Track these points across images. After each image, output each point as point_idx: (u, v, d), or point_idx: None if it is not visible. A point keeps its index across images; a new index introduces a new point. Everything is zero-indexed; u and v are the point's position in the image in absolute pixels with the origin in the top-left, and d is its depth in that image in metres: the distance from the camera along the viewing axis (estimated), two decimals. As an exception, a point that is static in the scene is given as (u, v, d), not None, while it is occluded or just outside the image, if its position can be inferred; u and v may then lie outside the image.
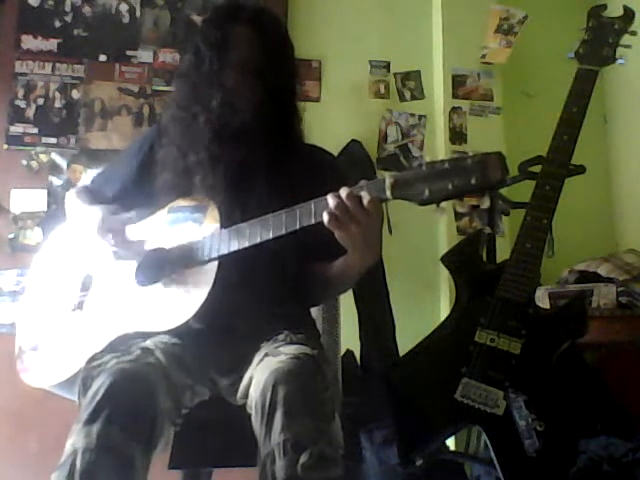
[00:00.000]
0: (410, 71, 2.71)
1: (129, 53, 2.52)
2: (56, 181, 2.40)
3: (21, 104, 2.43)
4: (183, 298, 1.18)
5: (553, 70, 2.53)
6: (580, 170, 1.85)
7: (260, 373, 1.09)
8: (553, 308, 1.94)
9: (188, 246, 1.22)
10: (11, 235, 2.34)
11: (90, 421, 0.99)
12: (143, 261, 1.27)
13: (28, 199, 2.36)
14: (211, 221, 1.22)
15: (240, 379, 1.17)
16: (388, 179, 1.01)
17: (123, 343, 1.20)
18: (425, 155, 2.61)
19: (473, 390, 1.60)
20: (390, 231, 2.41)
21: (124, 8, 2.55)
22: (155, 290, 1.23)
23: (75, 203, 1.44)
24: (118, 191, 1.45)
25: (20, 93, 2.43)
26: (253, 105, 1.30)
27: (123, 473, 0.98)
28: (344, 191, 1.04)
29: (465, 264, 1.82)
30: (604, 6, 1.84)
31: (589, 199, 2.63)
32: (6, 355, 1.46)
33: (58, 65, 2.47)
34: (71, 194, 1.48)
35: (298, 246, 1.23)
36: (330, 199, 1.04)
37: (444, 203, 0.99)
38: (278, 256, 1.24)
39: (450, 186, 0.94)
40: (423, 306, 2.51)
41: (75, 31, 2.50)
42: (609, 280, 2.09)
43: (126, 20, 2.55)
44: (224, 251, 1.17)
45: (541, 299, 2.00)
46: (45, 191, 2.38)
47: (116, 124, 2.47)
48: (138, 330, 1.21)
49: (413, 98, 2.70)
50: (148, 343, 1.19)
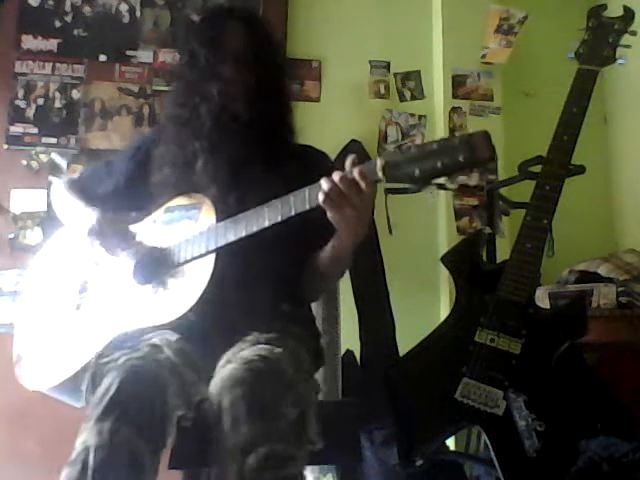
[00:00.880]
0: (410, 71, 2.71)
1: (129, 53, 2.52)
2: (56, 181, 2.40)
3: (21, 104, 2.43)
4: (181, 291, 1.19)
5: (553, 70, 2.53)
6: (580, 170, 1.85)
7: (214, 381, 1.11)
8: (553, 308, 1.94)
9: (184, 242, 1.22)
10: (11, 235, 2.34)
11: (102, 419, 0.99)
12: (140, 261, 1.27)
13: (28, 199, 2.36)
14: (207, 216, 1.23)
15: None
16: (379, 161, 1.02)
17: (127, 340, 1.20)
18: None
19: (473, 390, 1.60)
20: (390, 231, 2.40)
21: (124, 8, 2.55)
22: (153, 287, 1.24)
23: (66, 197, 1.44)
24: (110, 190, 1.45)
25: (20, 93, 2.43)
26: (247, 96, 1.33)
27: (134, 471, 0.98)
28: (337, 174, 1.06)
29: (465, 264, 1.82)
30: (604, 6, 1.84)
31: (589, 199, 2.63)
32: (6, 355, 1.46)
33: (58, 65, 2.47)
34: (59, 186, 1.48)
35: (293, 238, 1.24)
36: (324, 182, 1.07)
37: (439, 194, 1.00)
38: (274, 249, 1.24)
39: (439, 164, 0.97)
40: (423, 306, 2.52)
41: (75, 31, 2.50)
42: (609, 280, 2.09)
43: (126, 20, 2.55)
44: (221, 243, 1.17)
45: (541, 299, 2.00)
46: (45, 191, 2.37)
47: (116, 124, 2.47)
48: (138, 326, 1.22)
49: (413, 98, 2.70)
50: (156, 340, 1.19)
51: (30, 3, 2.48)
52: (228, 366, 1.11)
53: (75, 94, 2.46)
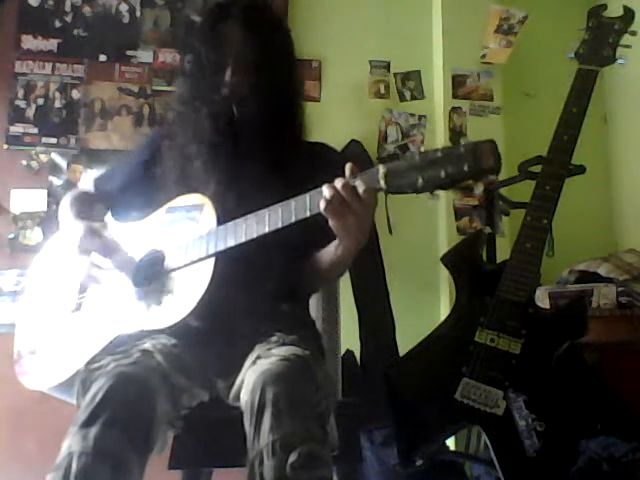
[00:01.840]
0: (410, 71, 2.71)
1: (129, 53, 2.52)
2: (56, 181, 2.40)
3: (21, 104, 2.43)
4: (180, 296, 1.19)
5: (553, 70, 2.53)
6: (580, 170, 1.85)
7: (250, 376, 1.09)
8: (553, 308, 1.94)
9: (184, 245, 1.22)
10: (11, 235, 2.34)
11: (87, 424, 0.99)
12: (140, 263, 1.27)
13: (28, 199, 2.36)
14: (208, 218, 1.22)
15: (235, 381, 1.17)
16: (381, 169, 1.00)
17: (122, 344, 1.20)
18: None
19: (473, 390, 1.60)
20: (390, 231, 2.41)
21: (124, 8, 2.55)
22: (152, 289, 1.23)
23: (65, 211, 1.43)
24: (119, 188, 1.45)
25: (20, 93, 2.43)
26: (251, 94, 1.32)
27: (118, 477, 0.97)
28: (339, 182, 1.04)
29: (465, 264, 1.82)
30: (604, 6, 1.84)
31: (589, 199, 2.63)
32: (6, 355, 1.46)
33: (58, 65, 2.47)
34: (66, 200, 1.48)
35: (294, 240, 1.23)
36: (326, 189, 1.05)
37: (439, 193, 0.99)
38: (275, 251, 1.24)
39: (443, 174, 0.94)
40: (423, 306, 2.51)
41: (75, 31, 2.50)
42: (609, 280, 2.09)
43: (126, 20, 2.55)
44: (220, 248, 1.16)
45: (541, 299, 2.00)
46: (45, 191, 2.38)
47: (116, 124, 2.47)
48: (136, 329, 1.21)
49: (413, 98, 2.70)
50: (148, 345, 1.18)
51: (30, 3, 2.48)
52: (262, 361, 1.10)
53: (75, 94, 2.46)
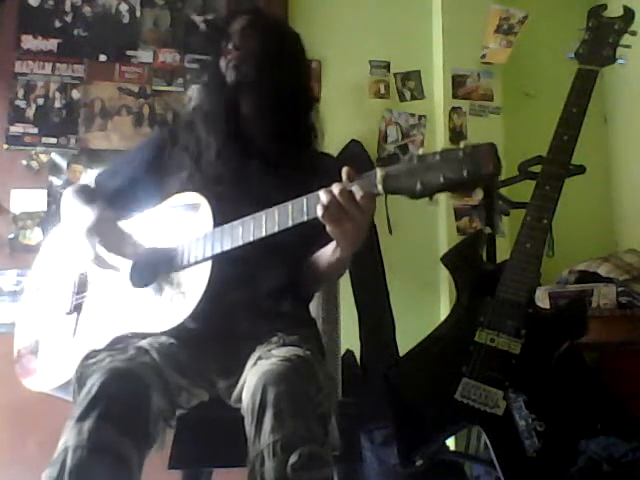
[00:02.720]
0: (410, 71, 2.71)
1: (129, 53, 2.52)
2: (56, 181, 2.40)
3: (21, 104, 2.42)
4: (178, 298, 1.18)
5: (553, 70, 2.53)
6: (580, 170, 1.86)
7: (252, 376, 1.09)
8: (553, 308, 1.94)
9: (181, 246, 1.22)
10: (11, 235, 2.34)
11: (82, 418, 0.99)
12: (137, 263, 1.26)
13: (28, 199, 2.36)
14: (204, 218, 1.22)
15: (237, 382, 1.17)
16: (379, 173, 0.99)
17: (120, 343, 1.20)
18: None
19: (473, 390, 1.60)
20: (390, 231, 2.40)
21: (124, 8, 2.55)
22: (151, 291, 1.23)
23: (71, 202, 1.43)
24: (121, 185, 1.45)
25: (20, 93, 2.43)
26: (262, 102, 1.34)
27: (115, 471, 0.97)
28: (336, 187, 1.04)
29: (465, 264, 1.82)
30: (604, 6, 1.84)
31: (589, 199, 2.63)
32: (6, 355, 1.46)
33: (58, 65, 2.46)
34: (68, 192, 1.47)
35: (292, 241, 1.23)
36: (322, 195, 1.04)
37: (438, 196, 0.98)
38: (273, 251, 1.24)
39: (442, 179, 0.92)
40: (423, 306, 2.51)
41: (75, 31, 2.50)
42: (609, 280, 2.09)
43: (126, 20, 2.55)
44: (217, 250, 1.16)
45: (541, 299, 2.00)
46: (45, 191, 2.37)
47: (116, 124, 2.47)
48: (135, 331, 1.21)
49: (413, 98, 2.70)
50: (144, 343, 1.18)
51: (30, 3, 2.48)
52: (263, 362, 1.10)
53: (75, 94, 2.46)
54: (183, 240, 1.22)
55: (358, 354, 2.30)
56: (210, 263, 1.18)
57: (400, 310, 2.41)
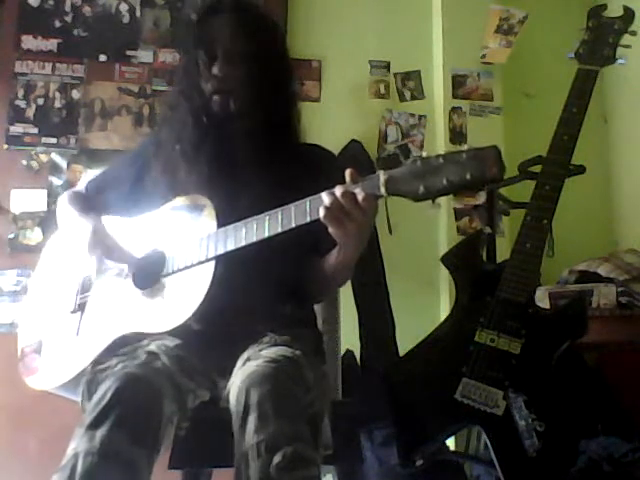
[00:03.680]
0: (410, 71, 2.71)
1: (129, 53, 2.52)
2: (56, 181, 2.40)
3: (21, 104, 2.43)
4: (181, 298, 1.18)
5: (553, 70, 2.53)
6: (580, 170, 1.86)
7: (238, 378, 1.09)
8: (553, 308, 1.94)
9: (185, 247, 1.22)
10: (11, 235, 2.34)
11: (94, 425, 0.98)
12: (140, 264, 1.27)
13: (28, 199, 2.36)
14: (208, 220, 1.22)
15: None
16: (382, 176, 1.00)
17: (124, 345, 1.20)
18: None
19: (473, 390, 1.60)
20: (390, 231, 2.41)
21: (124, 8, 2.55)
22: (154, 291, 1.23)
23: (67, 210, 1.44)
24: (114, 196, 1.45)
25: (20, 93, 2.43)
26: (242, 95, 1.31)
27: (126, 478, 0.97)
28: (339, 189, 1.04)
29: (465, 264, 1.82)
30: (604, 6, 1.84)
31: (589, 199, 2.63)
32: (6, 355, 1.46)
33: (58, 65, 2.47)
34: (63, 199, 1.48)
35: (294, 242, 1.23)
36: (325, 197, 1.04)
37: (440, 198, 0.98)
38: (276, 253, 1.23)
39: (445, 182, 0.93)
40: (423, 306, 2.51)
41: (75, 31, 2.50)
42: (609, 280, 2.09)
43: (126, 20, 2.55)
44: (220, 251, 1.16)
45: (541, 299, 2.00)
46: (45, 191, 2.38)
47: (116, 124, 2.47)
48: (138, 331, 1.21)
49: (413, 98, 2.70)
50: (153, 347, 1.18)
51: (30, 3, 2.48)
52: (250, 363, 1.10)
53: (75, 94, 2.46)
54: (186, 241, 1.22)
55: (358, 354, 2.30)
56: (213, 264, 1.18)
57: (400, 310, 2.41)
